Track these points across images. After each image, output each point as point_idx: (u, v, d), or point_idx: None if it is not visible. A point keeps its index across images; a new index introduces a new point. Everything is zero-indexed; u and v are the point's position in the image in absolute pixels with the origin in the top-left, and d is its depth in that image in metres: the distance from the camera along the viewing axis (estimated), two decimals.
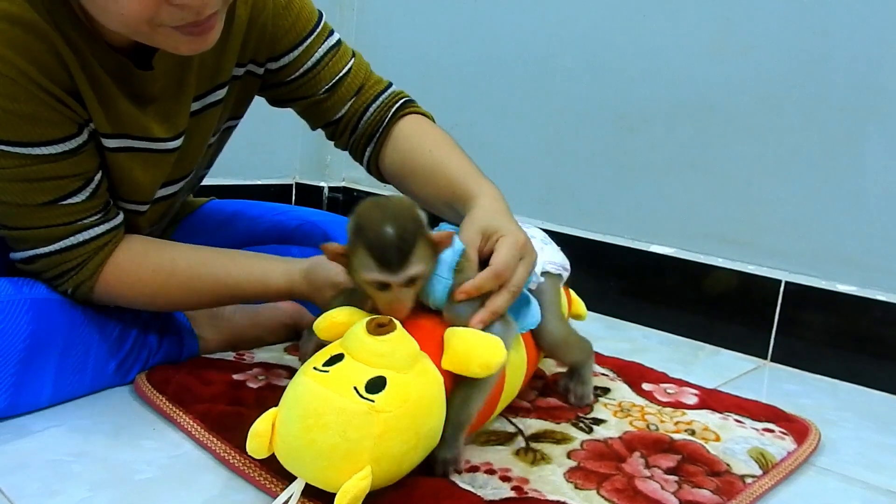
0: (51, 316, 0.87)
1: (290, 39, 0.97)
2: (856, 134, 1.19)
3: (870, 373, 1.19)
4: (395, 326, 0.69)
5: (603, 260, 1.48)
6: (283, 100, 1.03)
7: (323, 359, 0.68)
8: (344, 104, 1.02)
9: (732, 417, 0.95)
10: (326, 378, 0.66)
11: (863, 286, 1.20)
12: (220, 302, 0.96)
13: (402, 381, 0.66)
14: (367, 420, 0.63)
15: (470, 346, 0.72)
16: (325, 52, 0.99)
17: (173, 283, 0.91)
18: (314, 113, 1.04)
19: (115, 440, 0.82)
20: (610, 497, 0.73)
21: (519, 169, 1.62)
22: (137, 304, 0.92)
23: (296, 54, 0.98)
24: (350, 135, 1.04)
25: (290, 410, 0.66)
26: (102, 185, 0.87)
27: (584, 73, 1.49)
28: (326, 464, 0.64)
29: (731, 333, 1.32)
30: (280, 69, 0.98)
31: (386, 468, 0.66)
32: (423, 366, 0.70)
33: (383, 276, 0.71)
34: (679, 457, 0.83)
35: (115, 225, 0.89)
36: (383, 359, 0.67)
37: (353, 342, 0.68)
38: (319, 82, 1.00)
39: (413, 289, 0.73)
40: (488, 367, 0.71)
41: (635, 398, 1.00)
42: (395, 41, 1.85)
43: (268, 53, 0.97)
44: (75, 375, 0.90)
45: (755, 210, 1.30)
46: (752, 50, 1.27)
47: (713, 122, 1.33)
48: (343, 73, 1.01)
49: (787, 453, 0.87)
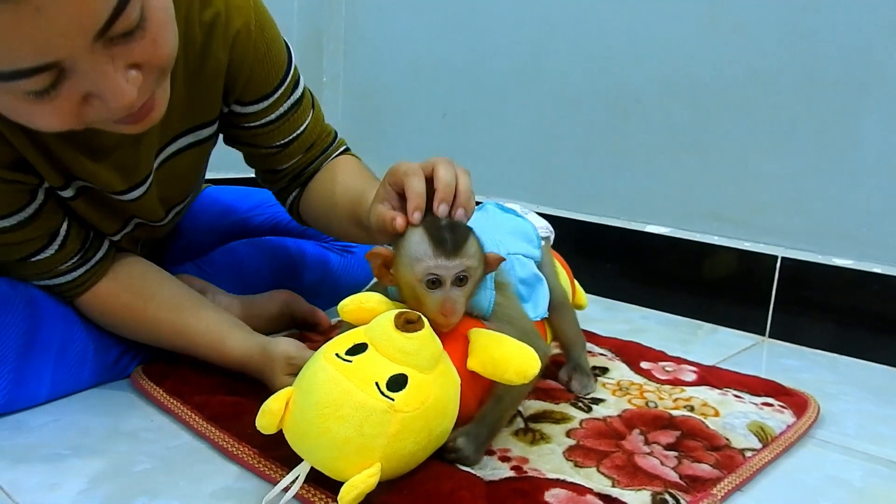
0: (49, 312, 0.88)
1: (261, 89, 0.92)
2: (849, 108, 1.18)
3: (868, 346, 1.19)
4: (424, 324, 0.68)
5: (600, 242, 1.48)
6: (235, 140, 0.99)
7: (346, 345, 0.67)
8: (292, 159, 0.99)
9: (731, 393, 0.95)
10: (349, 368, 0.65)
11: (859, 260, 1.20)
12: (177, 350, 0.92)
13: (422, 382, 0.66)
14: (384, 418, 0.63)
15: (508, 354, 0.71)
16: (288, 107, 0.95)
17: (140, 323, 0.90)
18: (260, 160, 1.01)
19: (112, 433, 0.82)
20: (610, 474, 0.73)
21: (513, 155, 1.62)
22: (106, 328, 0.92)
23: (263, 106, 0.93)
24: (286, 183, 1.03)
25: (307, 395, 0.65)
26: (72, 232, 0.85)
27: (577, 57, 1.48)
28: (337, 454, 0.63)
29: (728, 311, 1.32)
30: (243, 115, 0.94)
31: (394, 465, 0.65)
32: (445, 366, 0.69)
33: (437, 262, 0.70)
34: (678, 433, 0.83)
35: (95, 262, 0.88)
36: (408, 357, 0.66)
37: (379, 335, 0.67)
38: (276, 137, 0.96)
39: (464, 290, 0.72)
40: (525, 375, 0.70)
41: (634, 377, 1.00)
42: (384, 30, 1.85)
43: (237, 97, 0.92)
44: (74, 371, 0.90)
45: (750, 187, 1.30)
46: (744, 28, 1.27)
47: (706, 101, 1.33)
48: (300, 132, 0.97)
49: (787, 426, 0.87)
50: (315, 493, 0.67)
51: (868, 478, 0.80)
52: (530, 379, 0.70)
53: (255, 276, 1.16)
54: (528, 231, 0.93)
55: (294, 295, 1.13)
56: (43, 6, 0.52)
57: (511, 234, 0.90)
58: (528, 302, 0.86)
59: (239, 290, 1.12)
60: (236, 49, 0.87)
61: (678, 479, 0.73)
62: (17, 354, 0.84)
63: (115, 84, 0.60)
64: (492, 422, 0.76)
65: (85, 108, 0.62)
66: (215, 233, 1.21)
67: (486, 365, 0.71)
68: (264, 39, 0.90)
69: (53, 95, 0.59)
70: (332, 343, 0.69)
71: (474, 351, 0.73)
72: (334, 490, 0.64)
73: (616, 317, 1.37)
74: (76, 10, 0.54)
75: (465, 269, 0.71)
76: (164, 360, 0.95)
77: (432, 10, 1.73)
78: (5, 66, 0.55)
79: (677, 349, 1.14)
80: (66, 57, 0.57)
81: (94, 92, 0.61)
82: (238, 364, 0.88)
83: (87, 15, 0.55)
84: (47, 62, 0.56)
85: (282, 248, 1.20)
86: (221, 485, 0.72)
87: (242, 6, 0.86)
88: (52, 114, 0.60)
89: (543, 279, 0.90)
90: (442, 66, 1.73)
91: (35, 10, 0.52)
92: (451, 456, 0.72)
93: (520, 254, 0.88)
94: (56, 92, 0.59)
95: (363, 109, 1.91)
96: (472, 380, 0.73)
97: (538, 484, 0.70)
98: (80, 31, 0.56)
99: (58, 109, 0.60)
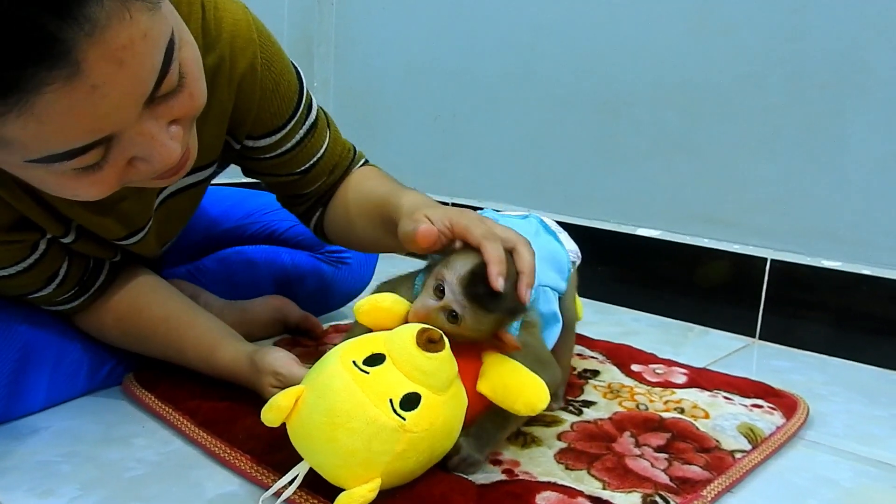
0: (45, 326, 0.88)
1: (273, 123, 0.90)
2: (837, 110, 1.19)
3: (858, 347, 1.19)
4: (445, 345, 0.67)
5: (591, 245, 1.47)
6: (254, 171, 0.97)
7: (363, 353, 0.67)
8: (316, 183, 0.97)
9: (721, 395, 0.96)
10: (366, 381, 0.64)
11: (848, 261, 1.21)
12: (168, 360, 0.91)
13: (434, 403, 0.65)
14: (393, 436, 0.63)
15: (520, 385, 0.70)
16: (303, 134, 0.92)
17: (132, 335, 0.90)
18: (283, 187, 0.99)
19: (104, 439, 0.82)
20: (601, 476, 0.74)
21: (504, 158, 1.63)
22: (101, 340, 0.92)
23: (276, 138, 0.91)
24: (310, 205, 1.01)
25: (319, 399, 0.65)
26: (72, 271, 0.84)
27: (567, 59, 1.49)
28: (341, 463, 0.63)
29: (719, 313, 1.33)
30: (257, 148, 0.92)
31: (393, 481, 0.66)
32: (456, 389, 0.69)
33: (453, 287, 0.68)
34: (669, 435, 0.83)
35: (94, 289, 0.88)
36: (425, 377, 0.65)
37: (399, 350, 0.66)
38: (295, 165, 0.94)
39: (447, 324, 0.70)
40: (533, 409, 0.70)
41: (625, 379, 1.01)
42: (375, 34, 1.85)
43: (247, 132, 0.90)
44: (68, 382, 0.90)
45: (740, 190, 1.31)
46: (733, 30, 1.28)
47: (696, 103, 1.34)
48: (319, 156, 0.95)
49: (776, 428, 0.87)
50: (310, 498, 0.67)
51: (857, 478, 0.81)
52: (538, 412, 0.70)
53: (246, 285, 1.16)
54: (561, 260, 0.91)
55: (286, 301, 1.13)
56: (98, 83, 0.52)
57: (544, 262, 0.86)
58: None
59: (230, 297, 1.12)
60: (242, 91, 0.85)
61: (668, 480, 0.73)
62: (12, 370, 0.84)
63: (161, 145, 0.61)
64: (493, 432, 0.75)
65: (129, 172, 0.62)
66: (208, 241, 1.20)
67: (496, 391, 0.71)
68: (272, 75, 0.87)
69: (101, 167, 0.59)
70: (350, 348, 0.68)
71: (486, 374, 0.72)
72: (329, 497, 0.64)
73: (607, 319, 1.37)
74: (129, 81, 0.55)
75: (464, 318, 0.69)
76: (156, 366, 0.95)
77: (423, 14, 1.73)
78: (59, 147, 0.55)
79: (668, 351, 1.15)
80: (119, 130, 0.57)
81: (140, 156, 0.61)
82: (228, 375, 0.87)
83: (138, 84, 0.56)
84: (100, 137, 0.56)
85: (275, 258, 1.20)
86: (215, 491, 0.72)
87: (246, 47, 0.84)
88: (97, 184, 0.61)
89: (560, 320, 0.87)
90: (433, 70, 1.73)
91: (91, 89, 0.52)
92: (453, 461, 0.72)
93: (548, 286, 0.86)
94: (104, 163, 0.59)
95: (354, 113, 1.91)
96: (477, 400, 0.72)
97: (529, 487, 0.71)
98: (131, 101, 0.56)
99: (103, 178, 0.61)
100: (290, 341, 1.11)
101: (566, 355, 0.95)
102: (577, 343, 1.09)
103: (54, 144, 0.55)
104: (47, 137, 0.54)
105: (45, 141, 0.54)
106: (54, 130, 0.53)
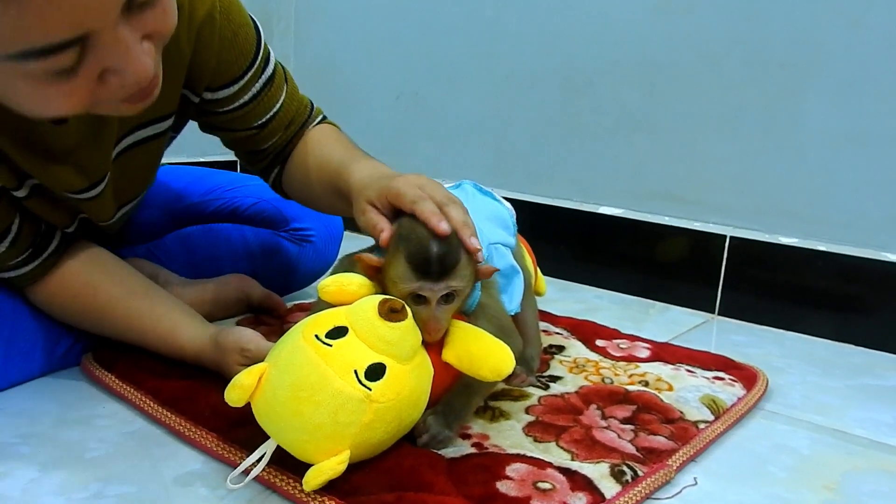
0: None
1: (230, 74, 0.90)
2: (795, 89, 1.21)
3: (813, 321, 1.22)
4: (407, 314, 0.67)
5: (553, 223, 1.50)
6: (212, 127, 0.97)
7: (326, 327, 0.66)
8: (272, 138, 0.97)
9: (684, 368, 0.98)
10: (329, 353, 0.64)
11: (804, 237, 1.23)
12: (128, 342, 0.90)
13: (399, 373, 0.65)
14: (359, 407, 0.63)
15: (485, 351, 0.71)
16: (260, 87, 0.93)
17: (90, 313, 0.88)
18: (240, 143, 0.98)
19: (63, 420, 0.80)
20: (569, 448, 0.74)
21: (466, 135, 1.62)
22: (56, 318, 0.90)
23: (234, 89, 0.91)
24: (269, 161, 1.01)
25: (282, 374, 0.64)
26: (24, 229, 0.82)
27: (529, 36, 1.49)
28: (308, 438, 0.63)
29: (679, 290, 1.35)
30: (215, 101, 0.92)
31: (361, 452, 0.65)
32: (421, 358, 0.69)
33: (422, 284, 0.68)
34: (634, 407, 0.85)
35: (47, 255, 0.85)
36: (389, 346, 0.65)
37: (361, 321, 0.66)
38: (252, 118, 0.94)
39: (450, 307, 0.71)
40: (499, 373, 0.70)
41: (590, 354, 1.02)
42: (335, 10, 1.82)
43: (206, 84, 0.90)
44: (23, 361, 0.87)
45: (700, 168, 1.33)
46: (693, 9, 1.29)
47: (657, 81, 1.35)
48: (276, 110, 0.95)
49: (737, 399, 0.89)
50: (278, 475, 0.67)
51: (814, 446, 0.83)
52: (504, 377, 0.71)
53: (208, 263, 1.14)
54: (504, 217, 0.92)
55: (248, 279, 1.12)
56: None
57: (489, 221, 0.88)
58: (504, 294, 0.85)
59: (191, 276, 1.10)
60: (201, 39, 0.85)
61: (635, 451, 0.74)
62: None
63: (136, 56, 0.60)
64: (460, 408, 0.76)
65: (100, 87, 0.61)
66: (168, 217, 1.18)
67: (461, 359, 0.71)
68: (230, 25, 0.87)
69: (75, 73, 0.58)
70: (312, 322, 0.68)
71: (451, 343, 0.72)
72: (298, 472, 0.64)
73: (570, 297, 1.38)
74: None
75: (453, 290, 0.70)
76: (115, 346, 0.93)
77: None
78: (38, 40, 0.54)
79: (630, 328, 1.16)
80: (97, 29, 0.56)
81: (113, 67, 0.60)
82: (191, 357, 0.86)
83: None
84: (79, 34, 0.55)
85: (237, 236, 1.18)
86: (180, 470, 0.71)
87: None
88: (67, 94, 0.59)
89: (520, 271, 0.88)
90: (394, 47, 1.71)
91: None
92: (422, 438, 0.72)
93: (499, 243, 0.87)
94: (78, 68, 0.58)
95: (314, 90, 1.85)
96: (443, 370, 0.72)
97: (499, 459, 0.71)
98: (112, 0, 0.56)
99: (75, 89, 0.59)
100: (252, 320, 1.10)
101: (531, 318, 0.96)
102: (542, 319, 1.10)
103: (34, 35, 0.53)
104: (27, 26, 0.53)
105: (24, 30, 0.53)
106: (35, 17, 0.52)
